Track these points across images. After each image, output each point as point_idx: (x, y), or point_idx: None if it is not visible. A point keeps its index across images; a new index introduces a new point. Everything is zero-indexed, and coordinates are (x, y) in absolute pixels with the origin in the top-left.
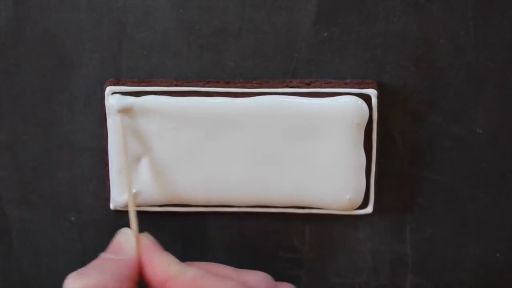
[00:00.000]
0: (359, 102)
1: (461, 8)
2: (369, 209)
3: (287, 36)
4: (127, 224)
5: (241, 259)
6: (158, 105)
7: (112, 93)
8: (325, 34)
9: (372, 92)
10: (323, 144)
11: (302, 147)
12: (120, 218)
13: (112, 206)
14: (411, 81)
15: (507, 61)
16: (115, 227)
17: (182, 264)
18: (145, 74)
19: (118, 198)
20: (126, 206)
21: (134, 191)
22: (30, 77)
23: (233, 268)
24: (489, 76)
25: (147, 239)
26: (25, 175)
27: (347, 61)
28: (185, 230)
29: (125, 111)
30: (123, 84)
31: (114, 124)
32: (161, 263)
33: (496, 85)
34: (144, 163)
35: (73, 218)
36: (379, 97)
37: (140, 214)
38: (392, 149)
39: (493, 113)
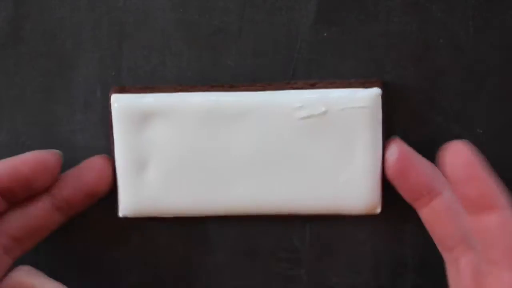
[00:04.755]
0: (374, 96)
1: (461, 8)
2: (377, 210)
3: (287, 36)
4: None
5: (241, 259)
6: (162, 104)
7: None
8: (325, 34)
9: (377, 91)
10: (336, 144)
11: (317, 145)
12: (123, 221)
13: (121, 214)
14: (411, 81)
15: (507, 61)
16: (115, 227)
17: None
18: (145, 74)
19: (126, 206)
20: (135, 212)
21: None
22: (30, 77)
23: None
24: (489, 76)
25: None
26: None
27: (347, 61)
28: (185, 231)
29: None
30: (127, 92)
31: (121, 132)
32: None
33: (496, 85)
34: (151, 169)
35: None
36: (383, 96)
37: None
38: None
39: (493, 113)
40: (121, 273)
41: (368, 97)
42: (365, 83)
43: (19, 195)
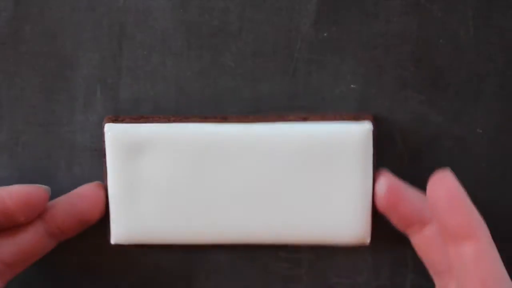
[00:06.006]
0: (366, 128)
1: (461, 8)
2: (367, 241)
3: (287, 36)
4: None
5: (240, 259)
6: (156, 134)
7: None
8: (325, 34)
9: (368, 126)
10: (328, 174)
11: (308, 178)
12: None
13: (113, 241)
14: (411, 81)
15: (507, 61)
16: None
17: None
18: (145, 74)
19: (118, 233)
20: (126, 240)
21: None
22: (30, 77)
23: None
24: (489, 76)
25: None
26: (25, 175)
27: (347, 61)
28: None
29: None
30: (121, 121)
31: (114, 160)
32: None
33: (496, 85)
34: (143, 197)
35: None
36: (374, 131)
37: None
38: (392, 149)
39: (493, 113)
40: (121, 273)
41: (359, 132)
42: (356, 117)
43: (2, 225)
